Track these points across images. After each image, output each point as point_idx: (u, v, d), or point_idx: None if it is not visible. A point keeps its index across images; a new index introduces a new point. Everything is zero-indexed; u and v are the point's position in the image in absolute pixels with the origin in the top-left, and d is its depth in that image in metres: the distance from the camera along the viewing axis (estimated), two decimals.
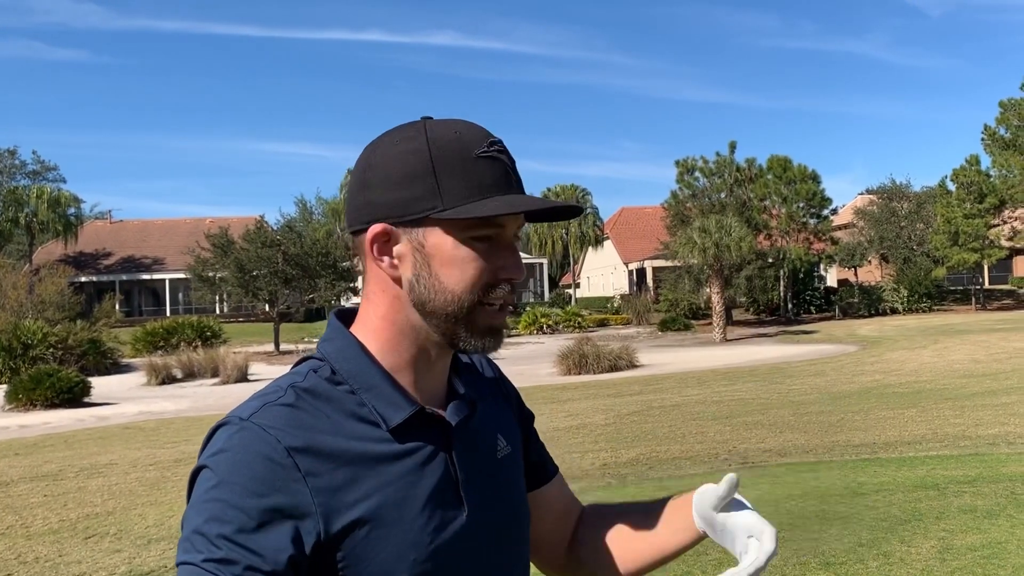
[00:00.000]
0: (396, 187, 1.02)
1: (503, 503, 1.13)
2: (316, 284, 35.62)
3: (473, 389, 1.16)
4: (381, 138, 1.06)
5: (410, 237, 1.03)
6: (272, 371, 27.51)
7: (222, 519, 0.92)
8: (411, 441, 1.04)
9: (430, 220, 1.02)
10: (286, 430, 0.97)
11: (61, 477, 9.85)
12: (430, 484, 1.03)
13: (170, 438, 13.30)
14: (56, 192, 55.01)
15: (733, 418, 12.08)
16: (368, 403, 1.03)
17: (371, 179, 1.04)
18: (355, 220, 1.06)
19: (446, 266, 1.02)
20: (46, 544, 6.71)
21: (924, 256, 48.54)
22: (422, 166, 1.01)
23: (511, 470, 1.17)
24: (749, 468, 8.18)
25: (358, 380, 1.04)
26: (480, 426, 1.14)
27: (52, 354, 25.88)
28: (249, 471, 0.94)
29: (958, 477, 6.94)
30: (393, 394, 1.04)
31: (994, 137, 45.03)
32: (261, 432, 0.96)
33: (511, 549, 1.14)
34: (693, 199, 43.86)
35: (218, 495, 0.93)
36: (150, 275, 56.76)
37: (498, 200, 1.02)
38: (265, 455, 0.95)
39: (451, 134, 1.03)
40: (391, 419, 1.03)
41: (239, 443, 0.96)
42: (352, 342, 1.07)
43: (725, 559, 5.04)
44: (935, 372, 17.86)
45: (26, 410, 19.04)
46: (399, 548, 0.99)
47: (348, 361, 1.06)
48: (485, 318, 1.05)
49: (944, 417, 10.90)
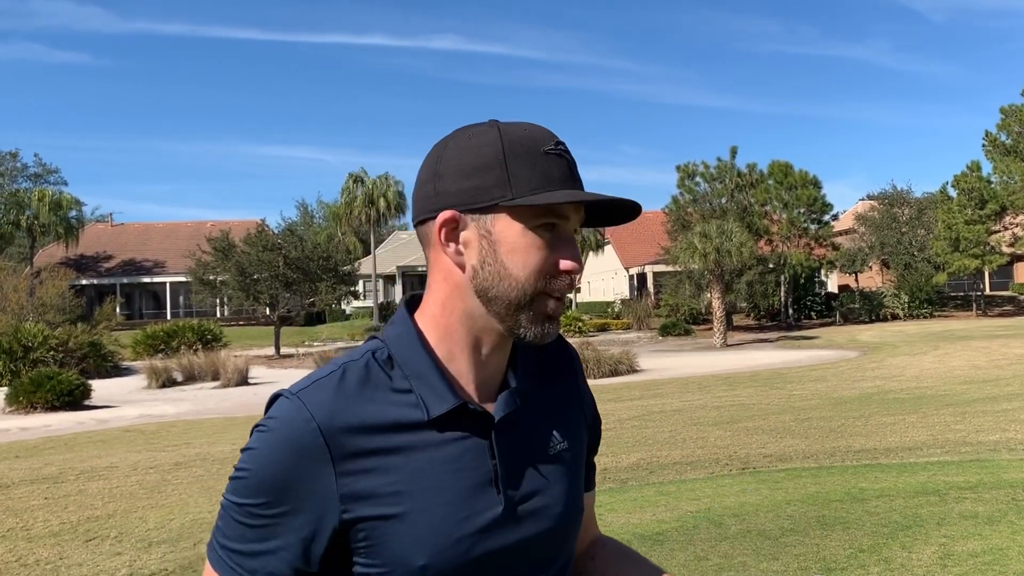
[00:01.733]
0: (468, 176, 1.06)
1: (552, 498, 1.14)
2: (317, 288, 35.66)
3: (534, 384, 1.18)
4: (453, 134, 1.11)
5: (478, 224, 1.07)
6: (273, 374, 27.51)
7: (228, 534, 1.05)
8: (451, 432, 1.07)
9: (499, 208, 1.06)
10: (326, 409, 1.03)
11: (61, 480, 9.85)
12: (464, 475, 1.06)
13: (170, 441, 13.29)
14: (57, 195, 55.05)
15: (734, 423, 12.07)
16: (416, 390, 1.07)
17: (443, 170, 1.08)
18: (423, 210, 1.10)
19: (512, 253, 1.06)
20: (47, 547, 6.70)
21: (925, 262, 48.51)
22: (494, 157, 1.06)
23: (564, 466, 1.18)
24: (750, 473, 8.17)
25: (410, 367, 1.08)
26: (533, 420, 1.16)
27: (53, 357, 25.88)
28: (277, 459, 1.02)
29: (959, 483, 6.94)
30: (440, 385, 1.07)
31: (995, 143, 45.01)
32: (302, 409, 1.02)
33: (554, 546, 1.15)
34: (694, 204, 43.84)
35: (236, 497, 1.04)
36: (151, 278, 56.80)
37: (562, 192, 1.06)
38: (295, 440, 1.02)
39: (521, 131, 1.09)
40: (434, 409, 1.06)
41: (281, 419, 1.03)
42: (411, 330, 1.11)
43: (725, 564, 5.05)
44: (936, 378, 17.84)
45: (26, 413, 19.03)
46: (421, 534, 1.03)
47: (404, 348, 1.10)
48: (544, 307, 1.09)
49: (945, 423, 10.89)
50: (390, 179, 53.38)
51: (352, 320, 52.16)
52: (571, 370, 1.28)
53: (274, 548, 1.02)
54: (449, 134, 1.12)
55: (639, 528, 5.98)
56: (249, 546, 1.03)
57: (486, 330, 1.11)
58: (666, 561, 5.14)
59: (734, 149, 43.97)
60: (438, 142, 1.12)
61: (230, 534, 1.04)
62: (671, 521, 6.07)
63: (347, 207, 53.65)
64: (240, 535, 1.04)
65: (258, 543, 1.03)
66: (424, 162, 1.12)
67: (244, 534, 1.03)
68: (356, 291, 42.95)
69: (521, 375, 1.17)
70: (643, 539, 5.66)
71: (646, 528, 5.97)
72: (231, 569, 1.04)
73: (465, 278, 1.09)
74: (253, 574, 1.03)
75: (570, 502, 1.17)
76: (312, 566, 1.04)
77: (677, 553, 5.29)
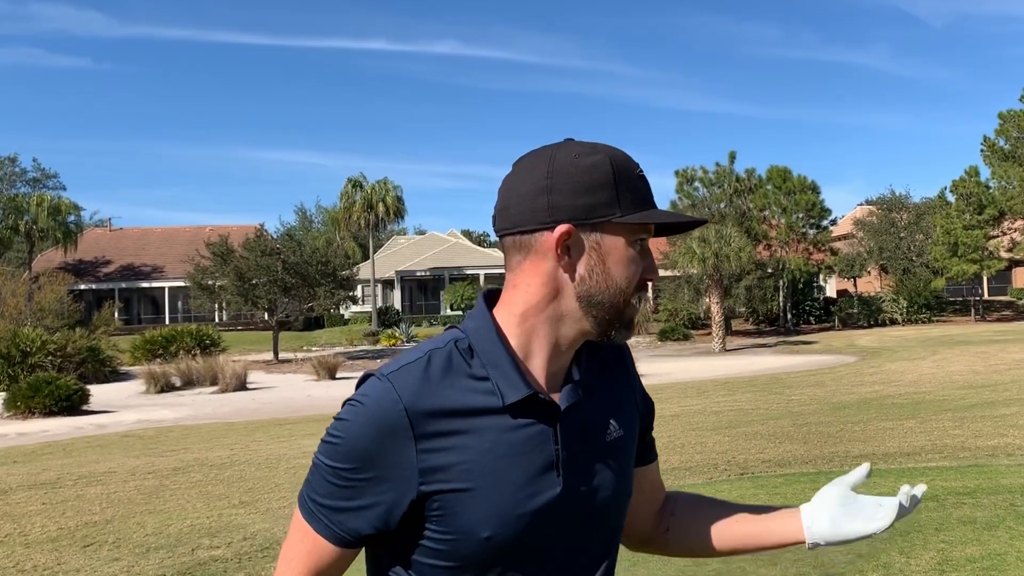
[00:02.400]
0: (583, 194, 1.19)
1: (605, 481, 1.27)
2: (315, 293, 35.62)
3: (593, 377, 1.30)
4: (555, 152, 1.22)
5: (589, 237, 1.20)
6: (271, 379, 27.51)
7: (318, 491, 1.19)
8: (522, 418, 1.19)
9: (610, 224, 1.20)
10: (412, 392, 1.16)
11: (59, 485, 9.84)
12: (530, 457, 1.19)
13: (169, 446, 13.28)
14: (56, 200, 54.97)
15: (732, 428, 12.07)
16: (493, 379, 1.19)
17: (555, 185, 1.19)
18: (532, 220, 1.20)
19: (618, 264, 1.21)
20: (44, 552, 6.70)
21: (923, 267, 48.55)
22: (606, 178, 1.19)
23: (619, 452, 1.31)
24: (748, 479, 8.17)
25: (488, 357, 1.20)
26: (593, 411, 1.28)
27: (51, 362, 25.85)
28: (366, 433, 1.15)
29: (957, 488, 6.94)
30: (514, 375, 1.19)
31: (993, 149, 45.10)
32: (391, 391, 1.16)
33: (605, 524, 1.29)
34: (693, 209, 43.88)
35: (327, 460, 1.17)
36: (149, 283, 56.72)
37: (659, 212, 1.24)
38: (383, 417, 1.15)
39: (620, 154, 1.23)
40: (508, 396, 1.18)
41: (372, 396, 1.17)
42: (490, 323, 1.23)
43: None
44: (934, 383, 17.85)
45: (24, 418, 19.01)
46: (488, 508, 1.16)
47: (483, 340, 1.22)
48: (631, 312, 1.25)
49: (943, 428, 10.89)
50: (389, 184, 53.35)
51: (351, 325, 52.10)
52: (622, 361, 1.41)
53: (358, 508, 1.17)
54: (544, 151, 1.23)
55: None
56: (337, 503, 1.17)
57: (572, 330, 1.24)
58: (664, 567, 5.14)
59: (732, 154, 44.06)
60: (533, 157, 1.23)
61: (320, 491, 1.18)
62: None
63: (346, 212, 53.62)
64: (329, 492, 1.17)
65: (345, 501, 1.17)
66: (519, 175, 1.23)
67: (333, 492, 1.17)
68: (355, 296, 42.90)
69: (584, 369, 1.28)
70: None
71: None
72: (320, 521, 1.19)
73: (570, 284, 1.21)
74: (339, 526, 1.18)
75: (619, 487, 1.30)
76: (391, 527, 1.18)
77: (675, 558, 5.28)
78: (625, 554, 5.29)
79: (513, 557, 1.18)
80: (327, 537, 1.19)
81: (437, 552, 1.18)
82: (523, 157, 1.25)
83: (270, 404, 20.59)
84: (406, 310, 56.07)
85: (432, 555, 1.19)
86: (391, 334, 42.69)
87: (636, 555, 5.17)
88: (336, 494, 1.17)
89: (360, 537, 1.19)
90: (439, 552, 1.18)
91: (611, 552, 1.32)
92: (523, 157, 1.25)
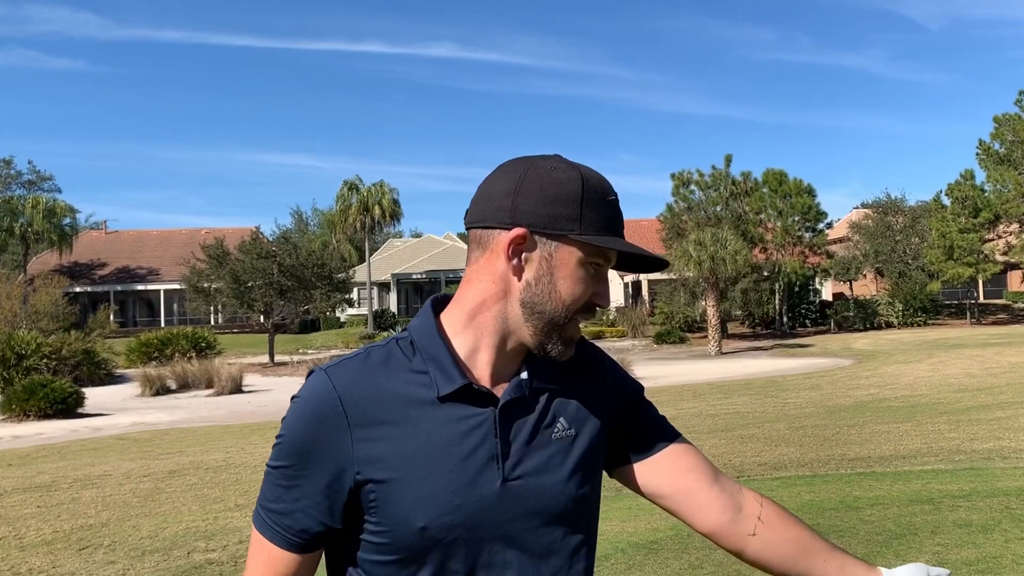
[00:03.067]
0: (546, 204, 1.21)
1: (551, 479, 1.25)
2: (311, 295, 35.60)
3: (546, 379, 1.30)
4: (534, 162, 1.25)
5: (543, 247, 1.22)
6: (267, 382, 27.46)
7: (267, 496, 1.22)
8: (459, 410, 1.21)
9: (567, 239, 1.21)
10: (347, 381, 1.20)
11: (55, 488, 9.81)
12: (466, 449, 1.20)
13: (164, 449, 13.26)
14: (51, 202, 54.92)
15: (728, 431, 12.07)
16: (431, 371, 1.22)
17: (523, 190, 1.22)
18: (494, 218, 1.23)
19: (566, 279, 1.22)
20: (39, 555, 6.68)
21: (919, 270, 48.65)
22: (574, 195, 1.21)
23: (570, 452, 1.28)
24: (744, 481, 8.17)
25: (428, 352, 1.23)
26: (542, 408, 1.28)
27: (46, 364, 25.79)
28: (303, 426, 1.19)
29: (953, 491, 6.94)
30: (451, 368, 1.22)
31: (989, 152, 45.19)
32: (327, 382, 1.20)
33: (557, 523, 1.26)
34: (689, 212, 43.92)
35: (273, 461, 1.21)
36: (145, 286, 56.66)
37: (619, 240, 1.24)
38: (318, 408, 1.19)
39: (595, 178, 1.24)
40: (442, 388, 1.20)
41: (308, 390, 1.21)
42: (431, 320, 1.27)
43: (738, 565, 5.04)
44: (930, 386, 17.88)
45: (19, 421, 18.98)
46: (421, 498, 1.17)
47: (423, 335, 1.26)
48: (572, 330, 1.25)
49: (939, 431, 10.90)
50: (385, 186, 53.35)
51: (347, 328, 52.07)
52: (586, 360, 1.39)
53: (303, 507, 1.19)
54: (526, 159, 1.26)
55: (634, 536, 5.98)
56: (283, 505, 1.20)
57: (515, 333, 1.25)
58: (661, 570, 5.13)
59: (728, 157, 44.15)
60: (514, 162, 1.26)
61: (269, 496, 1.22)
62: (665, 530, 6.06)
63: (342, 214, 53.61)
64: (276, 496, 1.21)
65: (291, 502, 1.19)
66: (496, 175, 1.26)
67: (279, 495, 1.20)
68: (351, 299, 42.94)
69: (536, 370, 1.29)
70: (638, 547, 5.65)
71: (641, 536, 5.96)
72: (268, 527, 1.22)
73: (517, 287, 1.23)
74: (287, 530, 1.20)
75: (571, 486, 1.27)
76: (336, 521, 1.20)
77: (672, 562, 5.28)
78: (621, 558, 5.27)
79: (453, 549, 1.18)
80: (280, 544, 1.21)
81: (378, 546, 1.19)
82: (507, 161, 1.28)
83: (266, 407, 20.55)
84: (402, 313, 56.07)
85: (374, 550, 1.20)
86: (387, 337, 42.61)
87: (632, 559, 5.18)
88: (282, 496, 1.20)
89: (311, 537, 1.21)
90: (379, 546, 1.19)
91: (576, 555, 1.28)
92: (507, 161, 1.28)
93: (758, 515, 1.39)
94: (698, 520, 1.39)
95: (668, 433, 1.42)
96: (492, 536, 1.20)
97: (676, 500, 1.38)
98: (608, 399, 1.38)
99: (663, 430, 1.42)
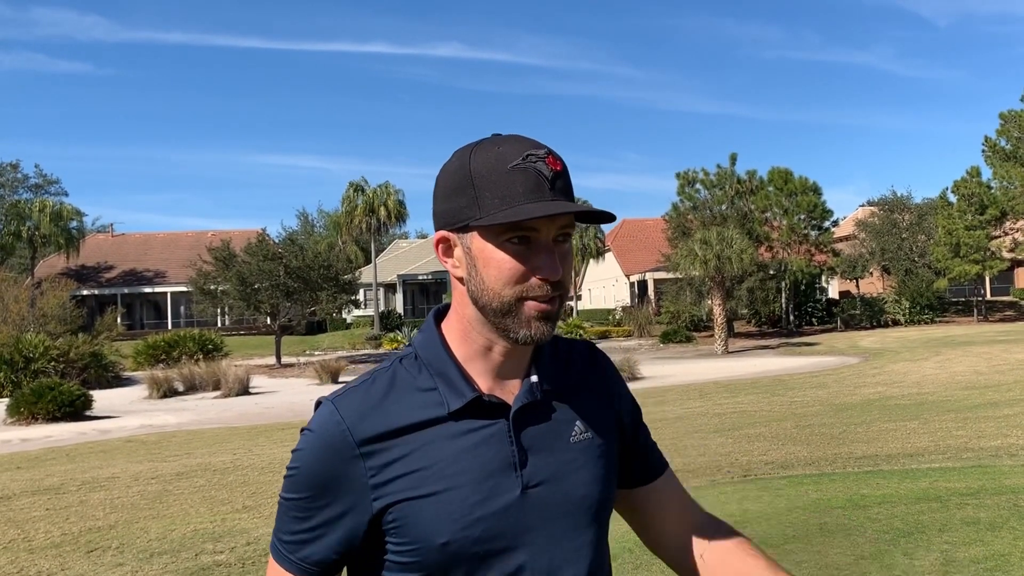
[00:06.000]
0: (448, 199, 1.19)
1: (572, 482, 1.23)
2: (318, 297, 35.63)
3: (557, 379, 1.28)
4: (451, 157, 1.22)
5: (462, 242, 1.19)
6: (274, 384, 27.51)
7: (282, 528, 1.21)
8: (471, 422, 1.19)
9: (471, 228, 1.17)
10: (356, 409, 1.18)
11: (63, 491, 9.84)
12: (482, 461, 1.18)
13: (172, 451, 13.29)
14: (58, 206, 55.13)
15: (735, 430, 12.06)
16: (439, 387, 1.20)
17: (436, 192, 1.21)
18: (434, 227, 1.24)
19: (486, 267, 1.17)
20: (48, 558, 6.70)
21: (926, 268, 48.55)
22: (463, 180, 1.16)
23: (588, 454, 1.26)
24: (751, 481, 8.16)
25: (434, 367, 1.22)
26: (556, 412, 1.26)
27: (54, 367, 25.90)
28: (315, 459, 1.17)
29: (961, 489, 6.93)
30: (459, 381, 1.20)
31: (995, 149, 45.08)
32: (334, 413, 1.18)
33: (574, 531, 1.23)
34: (694, 211, 43.89)
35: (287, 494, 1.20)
36: (152, 288, 56.80)
37: (522, 209, 1.13)
38: (329, 440, 1.17)
39: (491, 150, 1.17)
40: (452, 403, 1.18)
41: (317, 423, 1.19)
42: (434, 334, 1.25)
43: None
44: (937, 384, 17.84)
45: (28, 424, 19.04)
46: (441, 514, 1.15)
47: (428, 350, 1.24)
48: (528, 311, 1.17)
49: (946, 429, 10.88)
50: (391, 188, 53.36)
51: (353, 329, 52.11)
52: (596, 363, 1.37)
53: (320, 536, 1.18)
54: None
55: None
56: (301, 536, 1.19)
57: (488, 335, 1.22)
58: (668, 570, 5.12)
59: (734, 156, 44.08)
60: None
61: (284, 528, 1.20)
62: None
63: (348, 216, 53.62)
64: (293, 527, 1.19)
65: (308, 533, 1.18)
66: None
67: (296, 526, 1.19)
68: (357, 300, 42.94)
69: (546, 371, 1.26)
70: (643, 548, 5.64)
71: None
72: (286, 558, 1.20)
73: (461, 288, 1.22)
74: (304, 561, 1.19)
75: (593, 489, 1.25)
76: (353, 551, 1.20)
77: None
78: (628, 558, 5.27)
79: (477, 561, 1.16)
80: (298, 574, 1.20)
81: (403, 565, 1.18)
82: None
83: (273, 408, 20.59)
84: (408, 314, 56.09)
85: (398, 569, 1.18)
86: (393, 338, 42.69)
87: (639, 559, 5.18)
88: (297, 527, 1.18)
89: (329, 566, 1.20)
90: (405, 565, 1.18)
91: (597, 558, 1.27)
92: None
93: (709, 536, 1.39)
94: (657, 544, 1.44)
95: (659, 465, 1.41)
96: (515, 545, 1.18)
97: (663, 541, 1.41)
98: (617, 404, 1.37)
99: (659, 459, 1.42)
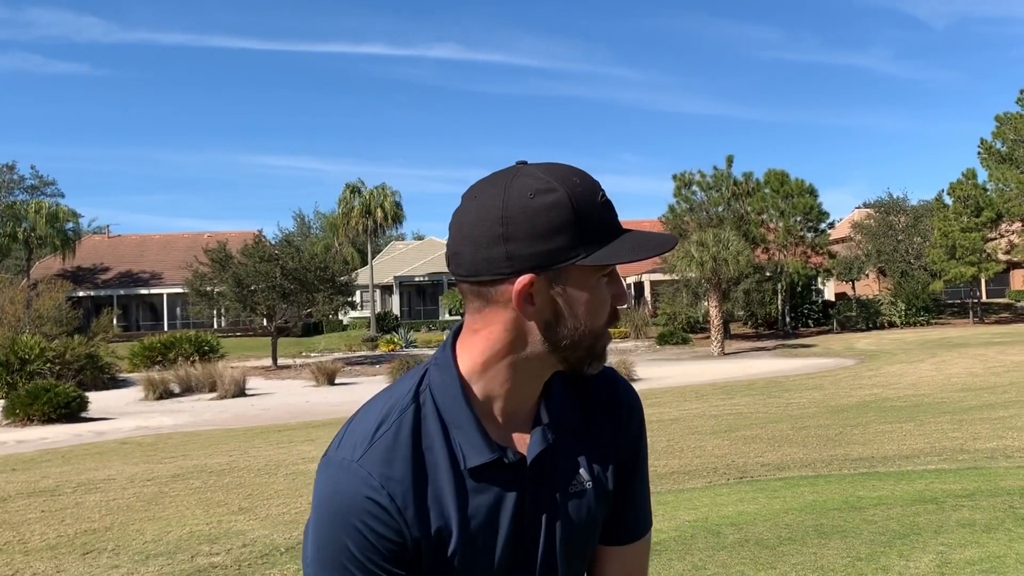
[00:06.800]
0: (543, 240, 1.09)
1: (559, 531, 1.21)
2: (314, 298, 35.60)
3: (568, 414, 1.24)
4: (508, 189, 1.11)
5: (554, 284, 1.11)
6: (270, 385, 27.48)
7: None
8: (486, 480, 1.15)
9: (575, 268, 1.11)
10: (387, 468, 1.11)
11: (58, 492, 9.82)
12: (495, 516, 1.16)
13: (168, 453, 13.27)
14: (54, 207, 54.97)
15: (731, 432, 12.07)
16: (455, 439, 1.15)
17: (512, 233, 1.09)
18: (487, 270, 1.11)
19: (585, 304, 1.13)
20: (43, 560, 6.69)
21: (921, 270, 48.65)
22: (567, 218, 1.09)
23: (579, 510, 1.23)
24: (747, 482, 8.17)
25: (451, 416, 1.16)
26: (562, 456, 1.23)
27: (49, 369, 25.84)
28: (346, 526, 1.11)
29: (956, 491, 6.94)
30: (477, 437, 1.15)
31: (991, 151, 45.18)
32: (367, 477, 1.11)
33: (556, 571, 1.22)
34: (691, 213, 43.96)
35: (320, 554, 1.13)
36: (148, 290, 56.71)
37: (624, 243, 1.13)
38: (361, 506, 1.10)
39: (577, 185, 1.11)
40: (471, 460, 1.14)
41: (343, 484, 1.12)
42: (455, 380, 1.17)
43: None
44: (933, 386, 17.87)
45: (23, 425, 18.99)
46: (463, 570, 1.14)
47: (447, 397, 1.16)
48: (604, 343, 1.17)
49: (942, 431, 10.89)
50: (387, 189, 53.38)
51: (349, 331, 52.08)
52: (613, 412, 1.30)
53: None
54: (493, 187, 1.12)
55: None
56: None
57: (539, 369, 1.17)
58: (664, 571, 5.13)
59: (730, 158, 44.21)
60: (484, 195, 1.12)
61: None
62: (669, 531, 6.06)
63: (344, 217, 53.64)
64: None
65: None
66: (471, 216, 1.12)
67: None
68: (353, 301, 42.92)
69: (552, 407, 1.22)
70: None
71: None
72: None
73: (536, 331, 1.13)
74: None
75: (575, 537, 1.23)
76: None
77: (675, 563, 5.28)
78: None
79: None
80: None
81: None
82: (473, 190, 1.14)
83: (269, 410, 20.57)
84: (405, 315, 56.09)
85: None
86: (390, 339, 42.67)
87: None
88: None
89: None
90: None
91: None
92: (473, 190, 1.14)
93: None
94: None
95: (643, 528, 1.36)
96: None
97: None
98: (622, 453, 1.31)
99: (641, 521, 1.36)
